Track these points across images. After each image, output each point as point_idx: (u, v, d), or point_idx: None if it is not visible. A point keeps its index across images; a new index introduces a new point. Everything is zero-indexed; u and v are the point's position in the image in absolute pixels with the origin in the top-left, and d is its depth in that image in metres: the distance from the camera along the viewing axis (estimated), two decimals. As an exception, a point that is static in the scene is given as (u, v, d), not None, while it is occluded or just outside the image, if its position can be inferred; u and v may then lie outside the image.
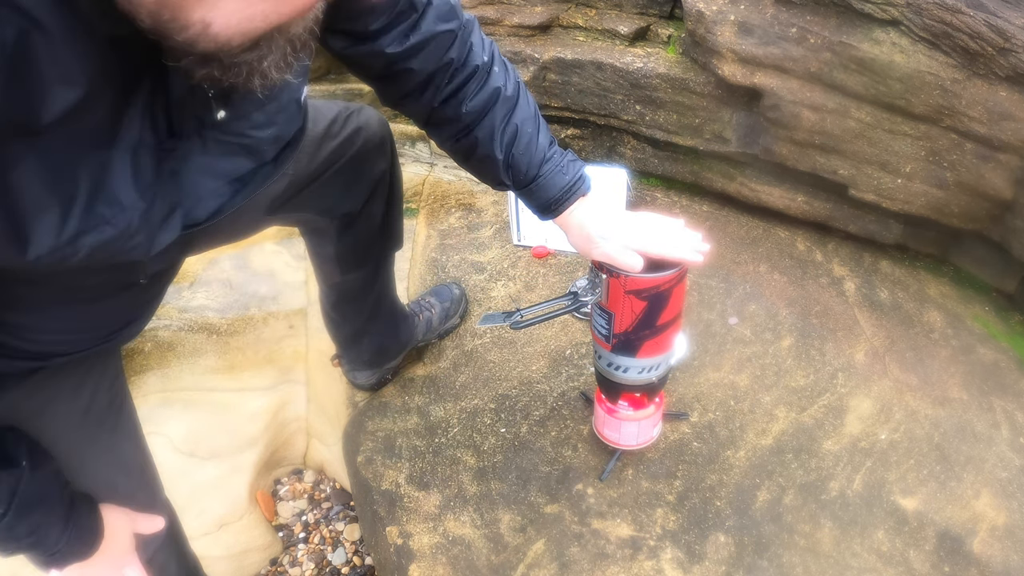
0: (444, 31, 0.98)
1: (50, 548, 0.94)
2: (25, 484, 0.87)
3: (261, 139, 0.79)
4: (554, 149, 1.10)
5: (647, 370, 1.23)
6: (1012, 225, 1.64)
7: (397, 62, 0.98)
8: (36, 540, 0.92)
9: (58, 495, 0.95)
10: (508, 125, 1.05)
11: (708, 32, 1.74)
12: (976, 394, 1.56)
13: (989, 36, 1.42)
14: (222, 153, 0.75)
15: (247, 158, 0.78)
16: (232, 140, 0.75)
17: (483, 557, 1.29)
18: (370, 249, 1.39)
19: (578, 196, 1.10)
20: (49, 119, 0.55)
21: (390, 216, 1.37)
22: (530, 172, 1.08)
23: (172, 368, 1.79)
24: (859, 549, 1.28)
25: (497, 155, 1.06)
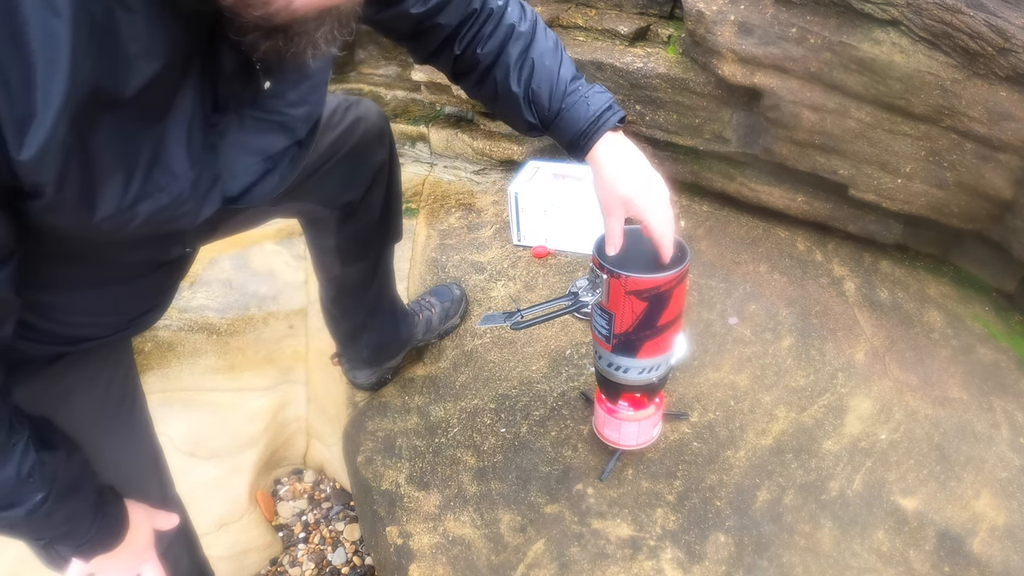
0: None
1: (80, 538, 0.93)
2: (63, 469, 0.87)
3: (295, 117, 0.81)
4: (578, 82, 1.06)
5: (647, 370, 1.23)
6: (1012, 225, 1.64)
7: (423, 20, 1.00)
8: (70, 529, 0.91)
9: (89, 483, 0.94)
10: (525, 60, 1.04)
11: (708, 32, 1.74)
12: (976, 394, 1.56)
13: (989, 36, 1.42)
14: (258, 130, 0.77)
15: (282, 135, 0.81)
16: (268, 117, 0.78)
17: (483, 557, 1.29)
18: (370, 241, 1.39)
19: (605, 129, 1.05)
20: (131, 92, 0.61)
21: (389, 208, 1.38)
22: (553, 106, 1.05)
23: (172, 368, 1.79)
24: (859, 549, 1.28)
25: (516, 91, 1.04)
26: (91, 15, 0.55)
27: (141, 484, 1.09)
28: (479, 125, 2.25)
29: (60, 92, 0.56)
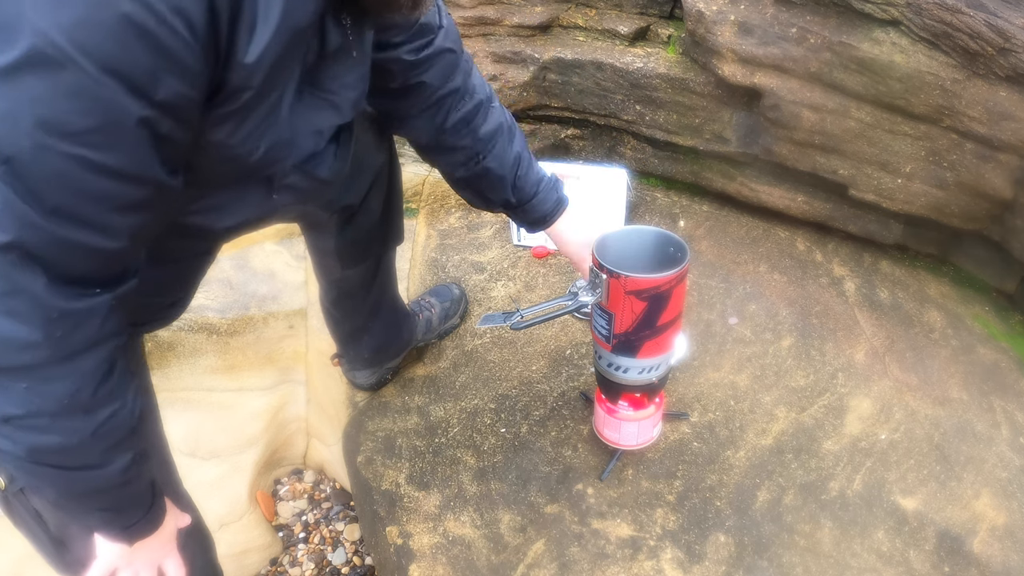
0: (450, 49, 1.10)
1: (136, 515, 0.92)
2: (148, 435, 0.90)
3: (346, 99, 0.88)
4: (539, 170, 1.26)
5: (647, 370, 1.23)
6: (1012, 225, 1.64)
7: (411, 72, 1.08)
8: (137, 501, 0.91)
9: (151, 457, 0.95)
10: (512, 151, 1.20)
11: (708, 32, 1.74)
12: (976, 394, 1.56)
13: (989, 36, 1.42)
14: (313, 106, 0.84)
15: (332, 113, 0.87)
16: (322, 95, 0.84)
17: (483, 557, 1.29)
18: (370, 244, 1.39)
19: (565, 208, 1.28)
20: (296, 31, 0.70)
21: (390, 210, 1.38)
22: (529, 190, 1.23)
23: (172, 368, 1.79)
24: (859, 549, 1.28)
25: (508, 178, 1.21)
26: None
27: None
28: (479, 125, 2.25)
29: (277, 13, 0.66)
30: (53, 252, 0.64)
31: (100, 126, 0.59)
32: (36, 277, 0.64)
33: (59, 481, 0.79)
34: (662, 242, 1.22)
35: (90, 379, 0.73)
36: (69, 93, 0.57)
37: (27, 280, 0.64)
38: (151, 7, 0.56)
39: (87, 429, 0.75)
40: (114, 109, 0.59)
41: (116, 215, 0.66)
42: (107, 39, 0.56)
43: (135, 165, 0.64)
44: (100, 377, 0.74)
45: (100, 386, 0.74)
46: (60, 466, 0.77)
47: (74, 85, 0.56)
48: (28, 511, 0.96)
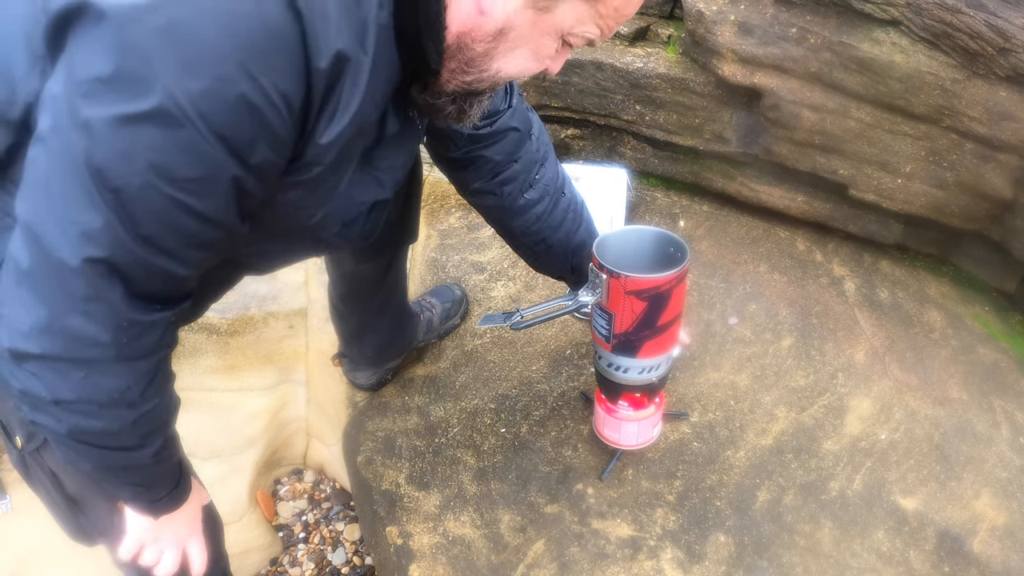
0: (514, 128, 1.18)
1: (164, 491, 0.99)
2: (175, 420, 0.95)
3: (392, 178, 0.97)
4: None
5: (647, 370, 1.23)
6: (1012, 225, 1.65)
7: (473, 145, 1.15)
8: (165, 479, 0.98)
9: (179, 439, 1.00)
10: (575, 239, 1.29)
11: (708, 32, 1.74)
12: (976, 394, 1.56)
13: (989, 36, 1.42)
14: (362, 182, 0.91)
15: (377, 189, 0.95)
16: (371, 172, 0.92)
17: (483, 557, 1.29)
18: (387, 239, 1.39)
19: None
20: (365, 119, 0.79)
21: (409, 207, 1.38)
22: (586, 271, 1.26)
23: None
24: (859, 549, 1.28)
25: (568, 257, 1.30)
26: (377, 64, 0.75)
27: None
28: (479, 125, 2.25)
29: (355, 107, 0.75)
30: (135, 271, 0.74)
31: (201, 177, 0.70)
32: (116, 289, 0.73)
33: (96, 457, 0.86)
34: (662, 242, 1.22)
35: (142, 379, 0.82)
36: (182, 147, 0.67)
37: (109, 290, 0.73)
38: (263, 90, 0.66)
39: (129, 419, 0.83)
40: (216, 166, 0.69)
41: (193, 249, 0.76)
42: (223, 110, 0.66)
43: (219, 212, 0.74)
44: (150, 378, 0.83)
45: (148, 386, 0.83)
46: (99, 445, 0.84)
47: (187, 142, 0.67)
48: (44, 471, 1.01)
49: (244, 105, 0.66)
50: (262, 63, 0.66)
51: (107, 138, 0.66)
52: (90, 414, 0.80)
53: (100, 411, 0.80)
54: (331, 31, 0.68)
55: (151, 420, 0.86)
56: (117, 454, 0.87)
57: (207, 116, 0.66)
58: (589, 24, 0.78)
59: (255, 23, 0.65)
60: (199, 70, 0.64)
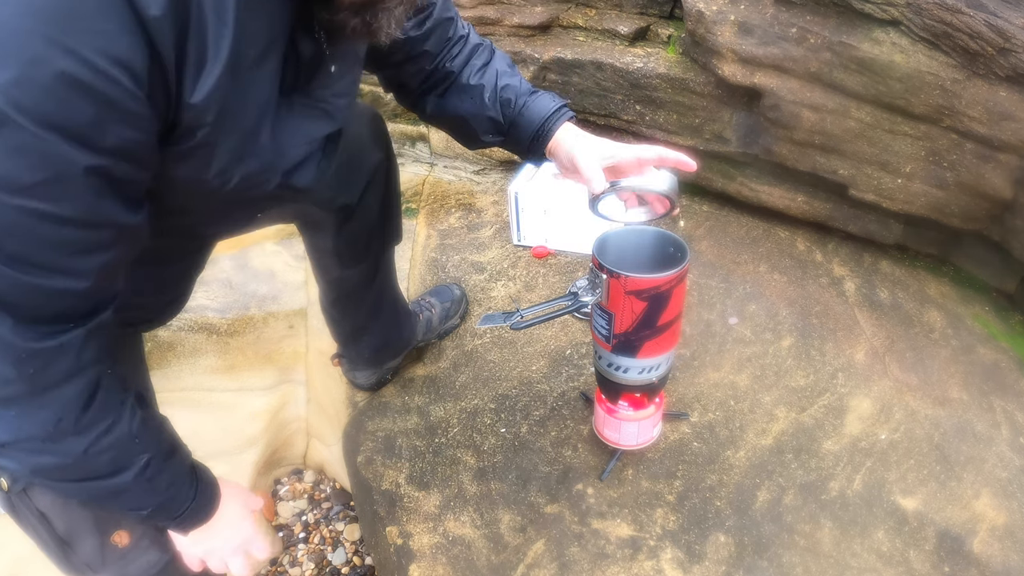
0: (448, 18, 1.11)
1: (180, 506, 0.94)
2: (164, 429, 0.91)
3: (338, 106, 0.88)
4: (535, 89, 1.18)
5: (647, 370, 1.23)
6: (1012, 225, 1.64)
7: (413, 45, 1.09)
8: (172, 495, 0.92)
9: (182, 447, 0.96)
10: (491, 66, 1.15)
11: (708, 32, 1.74)
12: (976, 394, 1.56)
13: (989, 36, 1.42)
14: (305, 115, 0.83)
15: (325, 122, 0.87)
16: (315, 104, 0.84)
17: (483, 557, 1.29)
18: (369, 243, 1.39)
19: (565, 119, 1.14)
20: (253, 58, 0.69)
21: (388, 209, 1.38)
22: (519, 101, 1.14)
23: (172, 368, 1.79)
24: (859, 549, 1.28)
25: (483, 85, 1.14)
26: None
27: None
28: (479, 125, 2.25)
29: (226, 48, 0.64)
30: (16, 296, 0.66)
31: (48, 179, 0.60)
32: (2, 320, 0.66)
33: (75, 491, 0.82)
34: (662, 242, 1.22)
35: (72, 407, 0.75)
36: (12, 150, 0.58)
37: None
38: (87, 62, 0.56)
39: (78, 449, 0.77)
40: (59, 162, 0.60)
41: (78, 258, 0.68)
42: (44, 96, 0.57)
43: (90, 211, 0.65)
44: (83, 403, 0.76)
45: (83, 412, 0.76)
46: (68, 479, 0.80)
47: (16, 142, 0.58)
48: (32, 512, 0.97)
49: (67, 84, 0.57)
50: (76, 31, 0.56)
51: None
52: (37, 451, 0.75)
53: (44, 446, 0.75)
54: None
55: (110, 445, 0.79)
56: (93, 484, 0.82)
57: (26, 107, 0.56)
58: None
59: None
60: (4, 59, 0.55)
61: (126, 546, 1.03)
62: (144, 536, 1.04)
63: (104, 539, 1.01)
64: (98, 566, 1.02)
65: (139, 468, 0.84)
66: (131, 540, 1.03)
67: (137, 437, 0.83)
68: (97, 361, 0.77)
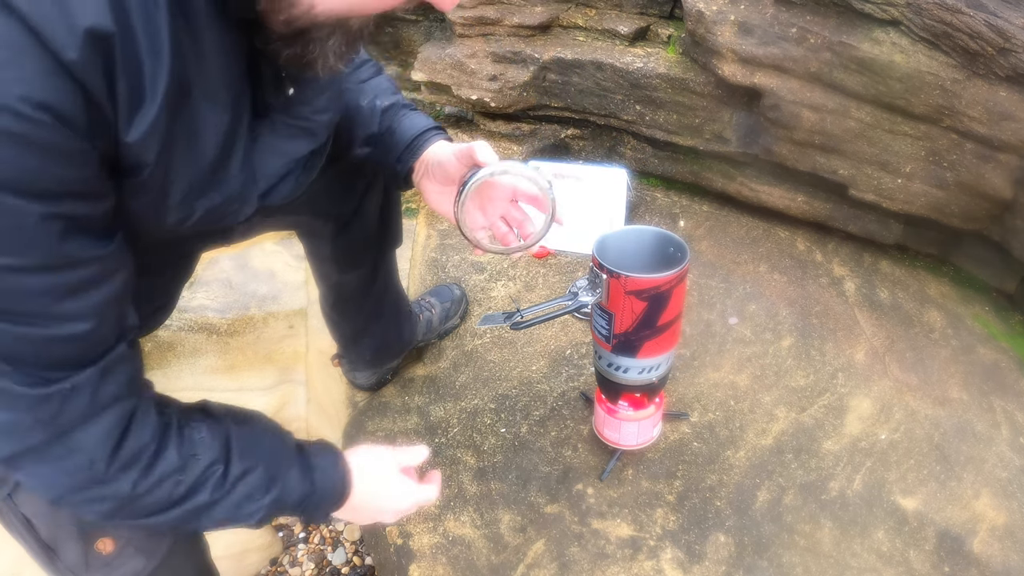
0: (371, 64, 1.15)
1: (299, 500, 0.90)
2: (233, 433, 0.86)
3: (319, 122, 0.86)
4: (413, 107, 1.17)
5: (647, 370, 1.23)
6: (1012, 225, 1.65)
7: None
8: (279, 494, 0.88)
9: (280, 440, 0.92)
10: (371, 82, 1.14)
11: (708, 32, 1.74)
12: (976, 394, 1.56)
13: (989, 36, 1.42)
14: (287, 135, 0.82)
15: (306, 140, 0.86)
16: (296, 123, 0.83)
17: (483, 557, 1.29)
18: (367, 248, 1.39)
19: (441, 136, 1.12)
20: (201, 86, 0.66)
21: (388, 214, 1.37)
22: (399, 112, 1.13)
23: (172, 368, 1.79)
24: (859, 549, 1.28)
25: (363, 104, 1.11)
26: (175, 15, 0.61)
27: None
28: (479, 125, 2.25)
29: (162, 85, 0.61)
30: (17, 349, 0.65)
31: (4, 233, 0.59)
32: (7, 374, 0.65)
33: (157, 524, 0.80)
34: (662, 242, 1.22)
35: (101, 448, 0.73)
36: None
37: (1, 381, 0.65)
38: (11, 110, 0.54)
39: (125, 488, 0.75)
40: (11, 215, 0.58)
41: (67, 302, 0.66)
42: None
43: (58, 255, 0.63)
44: (114, 442, 0.73)
45: (116, 451, 0.74)
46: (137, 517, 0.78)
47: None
48: (18, 516, 0.95)
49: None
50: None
51: None
52: (91, 499, 0.74)
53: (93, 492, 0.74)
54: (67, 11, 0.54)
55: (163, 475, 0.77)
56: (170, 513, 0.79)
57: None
58: None
59: None
60: None
61: (110, 553, 1.01)
62: (129, 544, 1.02)
63: (88, 546, 0.99)
64: (82, 572, 1.01)
65: (213, 484, 0.81)
66: (115, 547, 1.01)
67: (194, 455, 0.80)
68: (120, 397, 0.74)
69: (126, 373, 0.75)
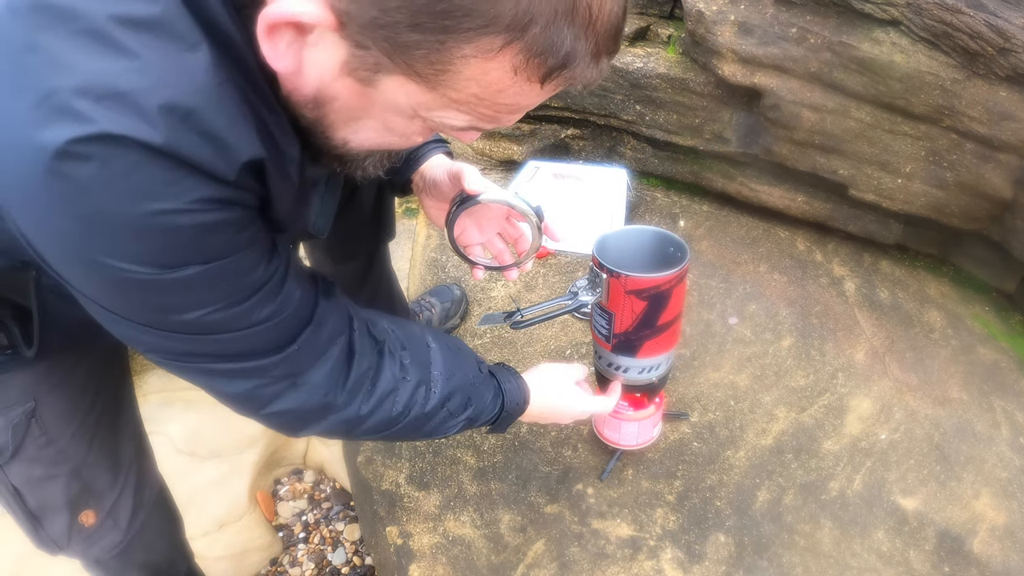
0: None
1: (491, 413, 1.04)
2: (436, 353, 0.98)
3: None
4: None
5: (647, 370, 1.23)
6: (1012, 225, 1.65)
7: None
8: (476, 412, 1.02)
9: (472, 361, 1.04)
10: None
11: (708, 32, 1.74)
12: (976, 394, 1.56)
13: (989, 36, 1.42)
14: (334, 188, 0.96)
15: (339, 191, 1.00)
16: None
17: (483, 557, 1.29)
18: (361, 239, 1.40)
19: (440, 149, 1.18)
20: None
21: (381, 206, 1.38)
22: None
23: (172, 368, 1.79)
24: (859, 549, 1.28)
25: None
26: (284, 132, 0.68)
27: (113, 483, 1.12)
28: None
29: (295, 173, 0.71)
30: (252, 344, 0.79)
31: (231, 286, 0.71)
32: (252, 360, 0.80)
33: (386, 437, 0.99)
34: (662, 242, 1.22)
35: (331, 381, 0.86)
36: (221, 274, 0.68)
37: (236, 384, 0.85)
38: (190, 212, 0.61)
39: (354, 411, 0.89)
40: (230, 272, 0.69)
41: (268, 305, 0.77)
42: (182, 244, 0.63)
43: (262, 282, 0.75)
44: (342, 374, 0.87)
45: (344, 381, 0.87)
46: (368, 433, 0.92)
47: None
48: (7, 486, 1.02)
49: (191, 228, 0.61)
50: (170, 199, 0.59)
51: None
52: (334, 424, 0.88)
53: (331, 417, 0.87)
54: (229, 150, 0.59)
55: (384, 393, 0.90)
56: (393, 428, 0.92)
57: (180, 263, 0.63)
58: (446, 111, 0.63)
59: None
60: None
61: (91, 526, 1.09)
62: (109, 517, 1.10)
63: (73, 518, 1.06)
64: (64, 544, 1.08)
65: (421, 402, 0.94)
66: (96, 521, 1.09)
67: (406, 377, 0.93)
68: (335, 336, 0.86)
69: (335, 315, 0.86)
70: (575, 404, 1.17)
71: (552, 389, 1.16)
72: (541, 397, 1.13)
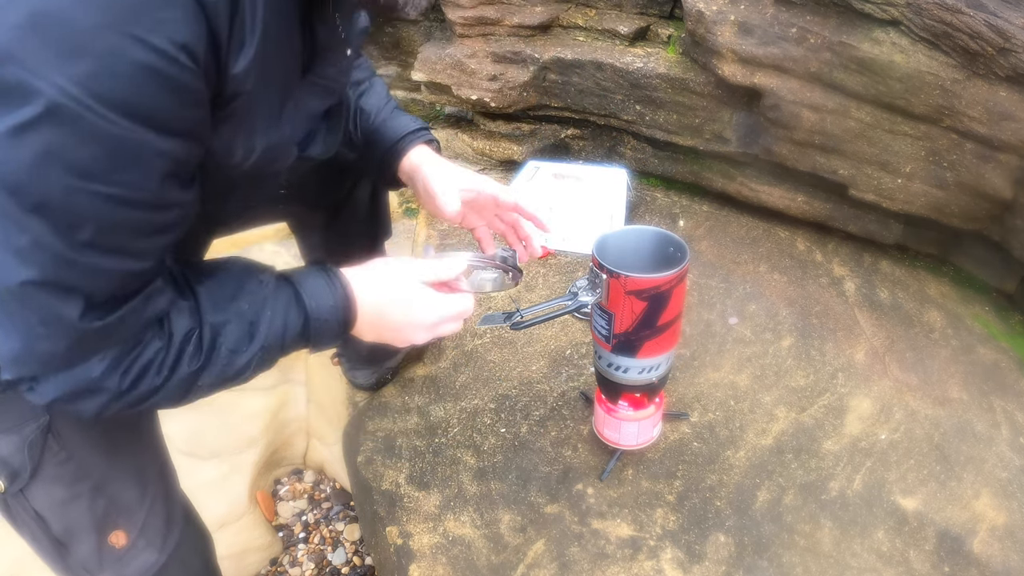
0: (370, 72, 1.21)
1: (294, 336, 0.87)
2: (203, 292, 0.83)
3: (341, 83, 0.94)
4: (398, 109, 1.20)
5: (647, 370, 1.23)
6: (1012, 225, 1.65)
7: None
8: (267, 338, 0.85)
9: (252, 277, 0.89)
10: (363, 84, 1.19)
11: (708, 32, 1.74)
12: (976, 394, 1.56)
13: (989, 36, 1.42)
14: (312, 92, 0.87)
15: (325, 99, 0.92)
16: (320, 82, 0.88)
17: (483, 557, 1.29)
18: (358, 239, 1.40)
19: (421, 140, 1.14)
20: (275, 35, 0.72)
21: (377, 205, 1.38)
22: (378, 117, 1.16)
23: (172, 368, 1.79)
24: (859, 549, 1.28)
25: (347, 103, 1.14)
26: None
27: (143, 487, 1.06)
28: (479, 125, 2.25)
29: (259, 28, 0.68)
30: (89, 282, 0.68)
31: (124, 165, 0.63)
32: (72, 307, 0.67)
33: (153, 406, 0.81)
34: (662, 242, 1.22)
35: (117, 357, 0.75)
36: (91, 139, 0.60)
37: (62, 309, 0.67)
38: (160, 50, 0.59)
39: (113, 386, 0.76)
40: (136, 148, 0.63)
41: (145, 240, 0.70)
42: (120, 85, 0.59)
43: (158, 194, 0.67)
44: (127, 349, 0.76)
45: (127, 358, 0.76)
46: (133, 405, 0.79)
47: (94, 131, 0.60)
48: (29, 513, 0.94)
49: (142, 72, 0.59)
50: (147, 22, 0.59)
51: (9, 155, 0.59)
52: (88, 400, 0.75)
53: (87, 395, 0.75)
54: None
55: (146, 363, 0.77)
56: (158, 395, 0.80)
57: (104, 97, 0.59)
58: None
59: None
60: (79, 52, 0.57)
61: (123, 547, 1.00)
62: (141, 536, 1.02)
63: (102, 539, 0.98)
64: (95, 569, 1.00)
65: (192, 352, 0.80)
66: (128, 541, 1.01)
67: (172, 332, 0.79)
68: (148, 326, 0.76)
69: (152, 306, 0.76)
70: (430, 310, 0.92)
71: (389, 287, 0.93)
72: (373, 296, 0.91)
